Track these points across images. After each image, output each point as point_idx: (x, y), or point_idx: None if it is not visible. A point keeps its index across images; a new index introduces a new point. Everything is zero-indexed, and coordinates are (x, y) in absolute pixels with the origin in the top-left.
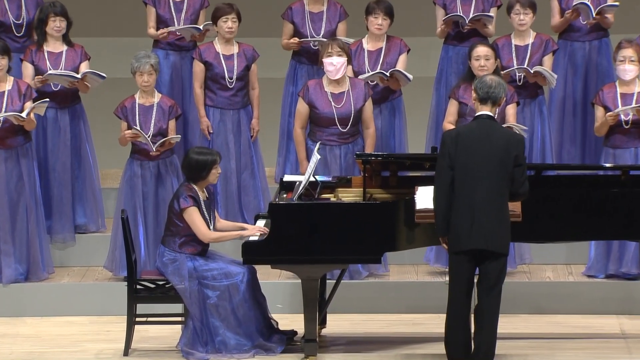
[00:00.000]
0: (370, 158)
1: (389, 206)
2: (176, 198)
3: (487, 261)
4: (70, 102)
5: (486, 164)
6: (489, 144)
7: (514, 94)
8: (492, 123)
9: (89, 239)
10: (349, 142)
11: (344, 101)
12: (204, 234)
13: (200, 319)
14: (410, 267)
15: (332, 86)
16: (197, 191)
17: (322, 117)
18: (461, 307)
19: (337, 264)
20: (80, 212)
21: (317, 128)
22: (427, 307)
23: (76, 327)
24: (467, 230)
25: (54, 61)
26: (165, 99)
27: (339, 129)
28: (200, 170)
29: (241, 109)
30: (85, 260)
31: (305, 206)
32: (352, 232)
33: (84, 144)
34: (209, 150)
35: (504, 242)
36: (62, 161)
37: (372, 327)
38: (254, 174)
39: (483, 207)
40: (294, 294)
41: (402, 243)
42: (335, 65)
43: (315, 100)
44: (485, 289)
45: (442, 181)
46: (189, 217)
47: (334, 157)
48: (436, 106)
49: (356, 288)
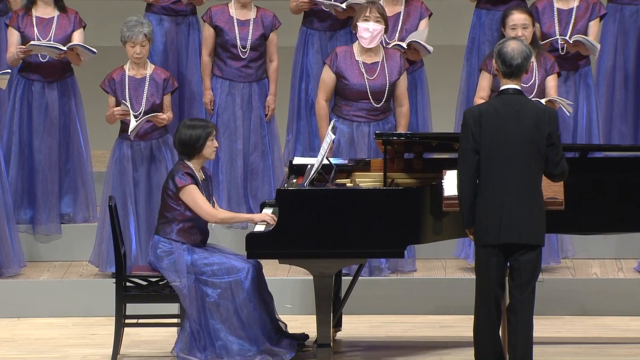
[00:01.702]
0: (392, 138)
1: (413, 193)
2: (171, 177)
3: (520, 254)
4: (59, 75)
5: (515, 145)
6: (518, 122)
7: (554, 64)
8: (520, 98)
9: (73, 229)
10: (379, 119)
11: (377, 73)
12: (209, 213)
13: (199, 321)
14: (437, 262)
15: (365, 55)
16: (193, 170)
17: (351, 89)
18: (491, 308)
19: (354, 258)
20: (68, 201)
21: (343, 102)
22: (457, 307)
23: (57, 330)
24: (496, 221)
25: (42, 28)
26: (159, 70)
27: (371, 103)
28: (194, 144)
29: (254, 83)
30: (69, 253)
31: (318, 192)
32: (371, 222)
33: (74, 123)
34: (202, 122)
35: (538, 232)
36: (48, 142)
37: (394, 330)
38: (265, 155)
39: (513, 195)
40: (305, 293)
41: (428, 234)
42: (372, 32)
43: (345, 70)
44: (518, 285)
45: (466, 167)
46: (189, 197)
47: (361, 135)
48: (467, 79)
49: (376, 286)
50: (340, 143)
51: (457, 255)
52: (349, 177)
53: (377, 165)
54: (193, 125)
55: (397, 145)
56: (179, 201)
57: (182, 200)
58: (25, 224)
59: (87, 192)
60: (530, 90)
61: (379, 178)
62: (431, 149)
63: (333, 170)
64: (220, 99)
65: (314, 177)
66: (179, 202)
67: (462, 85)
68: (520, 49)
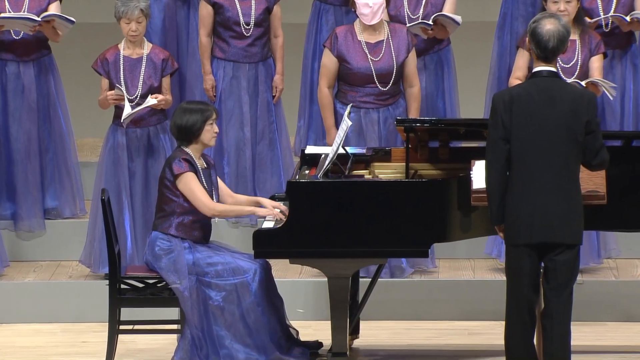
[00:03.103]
0: (415, 124)
1: (438, 185)
2: (167, 165)
3: (555, 254)
4: (35, 53)
5: (550, 133)
6: (553, 107)
7: (600, 43)
8: (556, 81)
9: (61, 226)
10: (388, 104)
11: (382, 53)
12: (206, 205)
13: (201, 327)
14: (465, 262)
15: (367, 34)
16: (192, 157)
17: (355, 73)
18: (523, 312)
19: (373, 257)
20: (52, 193)
21: (348, 87)
22: (487, 312)
23: (44, 337)
24: (529, 218)
25: (14, 3)
26: (157, 50)
27: (377, 87)
28: (191, 128)
29: (259, 63)
30: (57, 253)
31: (333, 185)
32: (392, 217)
33: (54, 106)
34: (201, 104)
35: (576, 229)
36: (27, 128)
37: (417, 338)
38: (274, 144)
39: (548, 188)
40: (318, 296)
41: (455, 232)
42: (372, 6)
43: (347, 53)
44: (554, 288)
45: (495, 157)
46: (185, 186)
47: (370, 122)
48: (498, 59)
49: (397, 288)
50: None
51: (487, 253)
52: (367, 168)
53: (398, 154)
54: (190, 109)
55: (421, 132)
56: (177, 191)
57: (180, 191)
58: (6, 220)
59: (72, 184)
60: (571, 72)
61: (400, 169)
62: (458, 137)
63: (350, 160)
64: (224, 83)
65: (329, 167)
66: (177, 193)
67: (493, 66)
68: (556, 30)
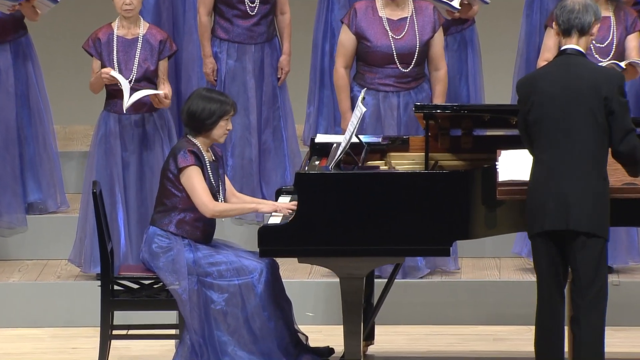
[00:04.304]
0: (436, 111)
1: (460, 177)
2: (172, 155)
3: (576, 249)
4: (11, 34)
5: (571, 114)
6: (574, 87)
7: (636, 20)
8: (580, 59)
9: (48, 222)
10: (411, 87)
11: (405, 30)
12: (205, 205)
13: (202, 332)
14: (491, 261)
15: (390, 9)
16: (200, 149)
17: (374, 52)
18: (545, 312)
19: (389, 256)
20: (34, 186)
21: (366, 68)
22: (514, 316)
23: (30, 343)
24: (543, 206)
25: None
26: (154, 30)
27: (398, 69)
28: (205, 119)
29: (265, 43)
30: (44, 251)
31: (345, 177)
32: (410, 213)
33: (33, 91)
34: (222, 96)
35: (595, 219)
36: (4, 115)
37: (438, 344)
38: (279, 132)
39: (564, 172)
40: (330, 298)
41: (480, 228)
42: None
43: (366, 29)
44: (578, 289)
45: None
46: (188, 180)
47: (389, 108)
48: (526, 39)
49: (415, 290)
50: (364, 118)
51: (516, 252)
52: (383, 159)
53: (417, 144)
54: (210, 98)
55: (442, 119)
56: (181, 185)
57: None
58: None
59: (54, 175)
60: (606, 52)
61: (419, 159)
62: (483, 124)
63: (364, 150)
64: (228, 66)
65: (341, 158)
66: (180, 187)
67: (521, 47)
68: (583, 3)
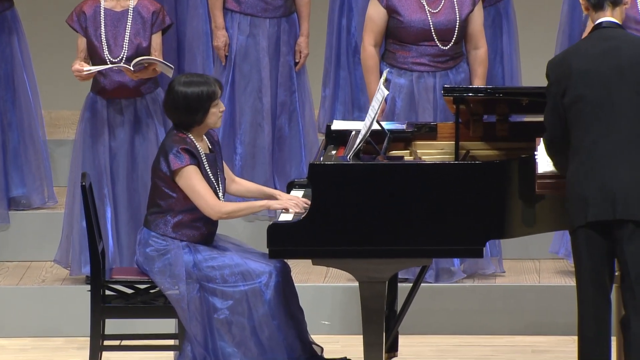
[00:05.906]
0: (467, 94)
1: (494, 168)
2: (163, 154)
3: (624, 240)
4: None
5: (611, 92)
6: (616, 64)
7: None
8: (617, 31)
9: (31, 218)
10: (448, 67)
11: (442, 4)
12: (211, 207)
13: (204, 343)
14: (528, 263)
15: None
16: (193, 142)
17: (409, 28)
18: (587, 315)
19: (414, 257)
20: (17, 178)
21: (398, 46)
22: (555, 325)
23: (11, 355)
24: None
25: None
26: (146, 1)
27: (436, 46)
28: (193, 111)
29: (282, 19)
30: (26, 251)
31: (365, 168)
32: (438, 209)
33: (19, 73)
34: (202, 79)
35: None
36: None
37: (469, 356)
38: (295, 118)
39: (608, 157)
40: (347, 305)
41: (516, 226)
42: None
43: (399, 3)
44: (628, 287)
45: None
46: (186, 182)
47: (424, 90)
48: (569, 14)
49: (444, 296)
50: (395, 102)
51: (553, 252)
52: (408, 148)
53: (446, 131)
54: (190, 82)
55: (474, 104)
56: (175, 187)
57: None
58: None
59: (40, 166)
60: None
61: (448, 149)
62: (520, 110)
63: (386, 138)
64: (239, 42)
65: (361, 147)
66: (174, 188)
67: (563, 22)
68: None
